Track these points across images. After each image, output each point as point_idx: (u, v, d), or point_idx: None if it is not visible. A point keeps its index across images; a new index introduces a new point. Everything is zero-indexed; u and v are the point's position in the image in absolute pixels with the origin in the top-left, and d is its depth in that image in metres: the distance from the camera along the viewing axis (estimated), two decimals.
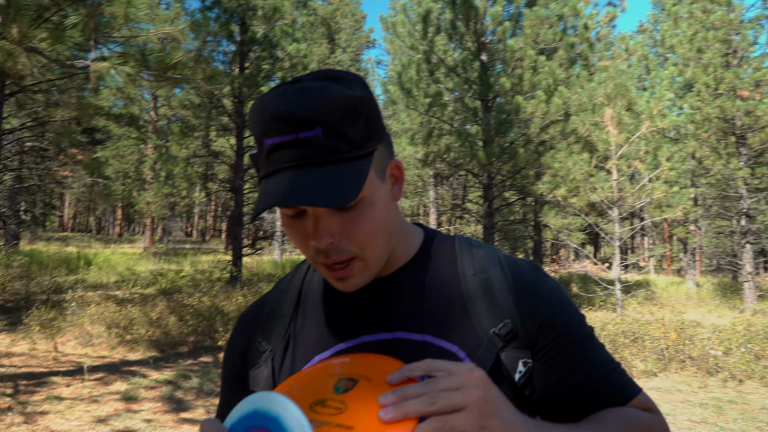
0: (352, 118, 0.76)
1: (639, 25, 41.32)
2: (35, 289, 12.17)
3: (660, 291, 18.52)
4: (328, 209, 0.77)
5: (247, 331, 0.97)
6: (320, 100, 0.74)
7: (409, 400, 0.63)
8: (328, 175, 0.73)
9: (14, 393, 5.68)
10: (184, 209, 30.45)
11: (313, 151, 0.74)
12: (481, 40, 14.14)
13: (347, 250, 0.79)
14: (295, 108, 0.74)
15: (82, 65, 5.78)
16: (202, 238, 49.29)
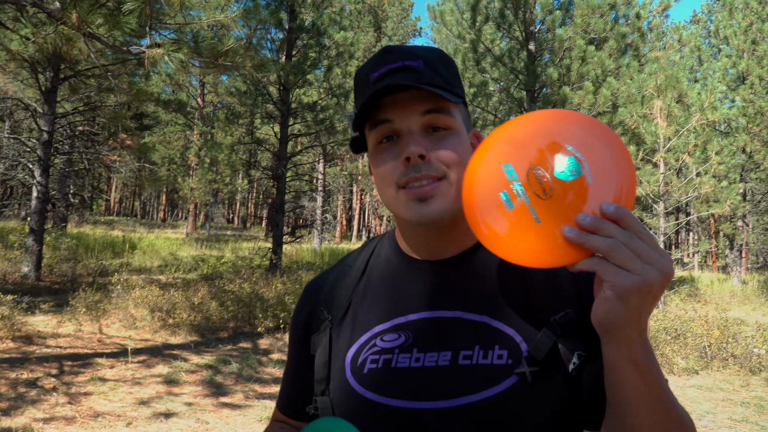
0: (447, 66, 0.90)
1: (693, 15, 40.12)
2: (82, 272, 12.47)
3: (704, 288, 18.04)
4: (422, 132, 0.85)
5: (312, 297, 1.03)
6: (422, 46, 0.91)
7: (600, 237, 0.66)
8: (431, 88, 0.82)
9: (59, 374, 5.79)
10: (227, 196, 30.88)
11: (417, 75, 0.85)
12: (529, 29, 13.84)
13: (438, 167, 0.83)
14: (403, 47, 0.89)
15: (137, 51, 5.82)
16: (243, 225, 49.97)
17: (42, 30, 6.04)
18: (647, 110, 12.15)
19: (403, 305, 0.90)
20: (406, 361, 0.84)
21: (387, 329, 0.88)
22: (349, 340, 0.92)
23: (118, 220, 37.68)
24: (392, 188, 0.85)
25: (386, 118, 0.85)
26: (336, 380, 0.91)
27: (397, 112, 0.84)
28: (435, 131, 0.85)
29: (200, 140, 23.26)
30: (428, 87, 0.81)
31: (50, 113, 11.18)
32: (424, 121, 0.84)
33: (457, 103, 0.86)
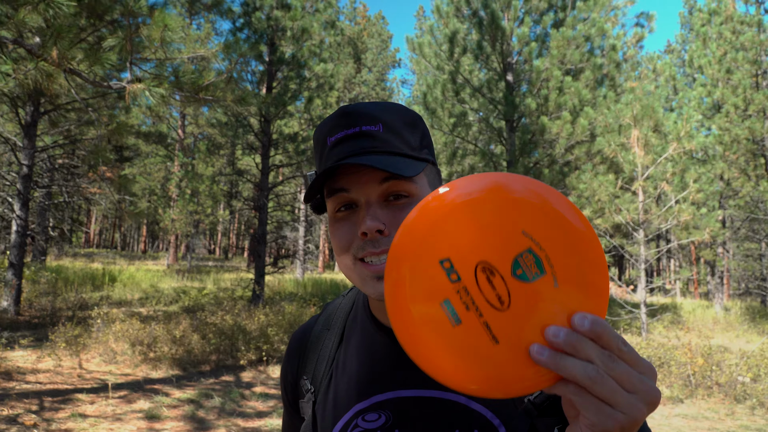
0: (410, 126, 0.85)
1: (667, 46, 41.07)
2: (61, 305, 12.31)
3: (686, 315, 18.17)
4: (380, 202, 0.80)
5: (295, 362, 1.01)
6: (382, 105, 0.85)
7: (577, 360, 0.52)
8: (390, 158, 0.79)
9: (39, 410, 5.70)
10: (208, 227, 30.72)
11: (375, 142, 0.80)
12: (507, 60, 14.14)
13: None
14: (359, 107, 0.83)
15: (118, 86, 5.88)
16: (225, 255, 49.62)
17: (22, 66, 6.07)
18: (625, 139, 12.39)
19: (380, 382, 0.87)
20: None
21: (367, 407, 0.86)
22: (332, 418, 0.90)
23: (98, 252, 37.25)
24: (349, 259, 0.82)
25: (343, 187, 0.81)
26: None
27: (353, 182, 0.80)
28: (396, 199, 0.80)
29: (181, 171, 23.20)
30: (378, 162, 0.76)
31: (30, 147, 11.15)
32: (383, 189, 0.80)
33: (417, 174, 0.79)
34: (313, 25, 13.93)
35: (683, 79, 25.99)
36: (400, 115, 0.84)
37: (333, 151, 0.82)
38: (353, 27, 39.96)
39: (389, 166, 0.75)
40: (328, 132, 0.83)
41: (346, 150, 0.80)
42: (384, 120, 0.82)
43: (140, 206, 19.74)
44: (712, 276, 23.44)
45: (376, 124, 0.81)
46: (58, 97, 9.90)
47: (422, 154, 0.85)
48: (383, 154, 0.80)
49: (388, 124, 0.82)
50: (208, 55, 7.92)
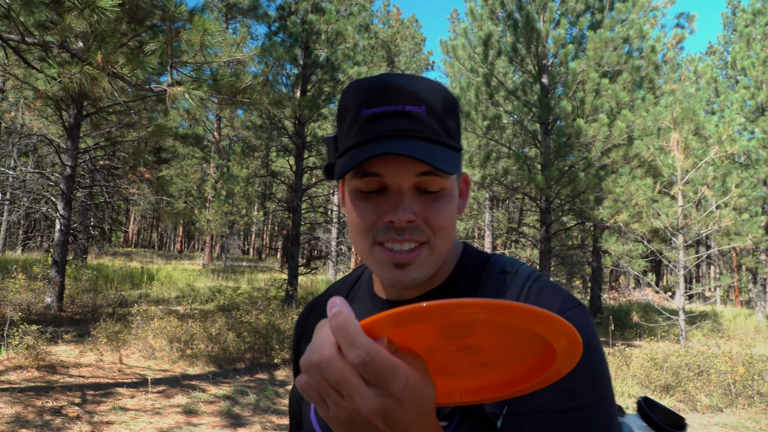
0: (451, 112, 0.80)
1: (708, 47, 40.21)
2: (102, 302, 12.64)
3: (727, 323, 17.75)
4: (414, 190, 0.77)
5: (299, 330, 1.04)
6: (428, 86, 0.78)
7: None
8: (432, 147, 0.75)
9: (82, 402, 5.88)
10: (243, 227, 31.16)
11: (417, 125, 0.75)
12: (542, 62, 14.04)
13: (423, 231, 0.77)
14: (405, 83, 0.77)
15: (159, 89, 6.04)
16: (259, 256, 50.20)
17: (67, 69, 6.28)
18: (664, 143, 12.17)
19: None
20: None
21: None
22: None
23: (136, 251, 38.06)
24: (367, 241, 0.80)
25: (376, 172, 0.76)
26: (305, 418, 0.92)
27: (389, 169, 0.76)
28: (427, 192, 0.78)
29: (217, 173, 23.58)
30: (428, 159, 0.71)
31: (73, 148, 11.49)
32: (418, 182, 0.77)
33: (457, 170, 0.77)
34: (347, 28, 14.06)
35: (725, 81, 25.38)
36: (443, 98, 0.79)
37: (369, 125, 0.76)
38: (387, 30, 40.09)
39: (434, 160, 0.72)
40: (365, 103, 0.77)
41: (384, 128, 0.75)
42: (428, 102, 0.77)
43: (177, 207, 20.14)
44: (754, 283, 22.85)
45: (420, 105, 0.76)
46: (101, 100, 10.19)
47: (456, 142, 0.81)
48: (425, 141, 0.75)
49: (432, 107, 0.77)
50: (245, 58, 8.08)
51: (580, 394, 0.72)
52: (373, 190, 0.78)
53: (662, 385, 8.06)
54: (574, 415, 0.71)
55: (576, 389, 0.72)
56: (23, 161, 24.80)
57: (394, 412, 0.51)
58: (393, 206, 0.76)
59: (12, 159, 22.92)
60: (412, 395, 0.51)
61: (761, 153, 19.21)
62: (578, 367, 0.70)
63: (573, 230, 21.36)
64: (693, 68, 27.98)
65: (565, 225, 18.97)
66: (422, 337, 0.53)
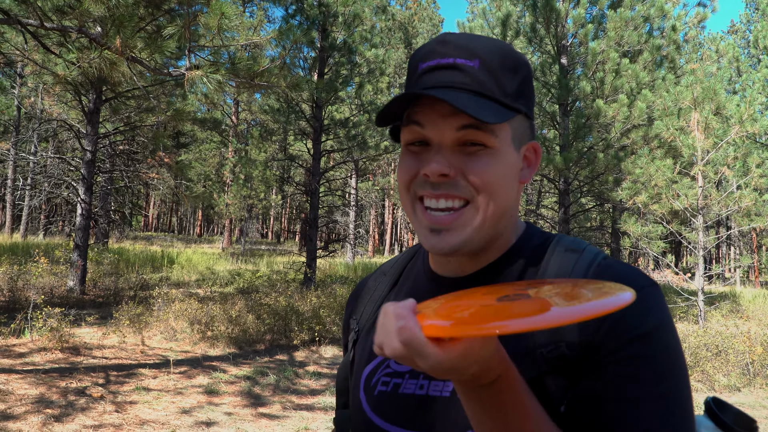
0: (510, 70, 0.77)
1: (730, 26, 39.42)
2: (123, 286, 12.83)
3: (746, 303, 17.57)
4: (455, 146, 0.75)
5: (350, 304, 1.04)
6: (486, 41, 0.77)
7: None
8: (477, 100, 0.73)
9: (106, 383, 6.00)
10: (261, 211, 31.35)
11: (466, 79, 0.74)
12: (561, 43, 13.87)
13: (463, 187, 0.75)
14: (460, 38, 0.76)
15: (177, 73, 6.07)
16: (277, 239, 50.52)
17: (86, 54, 6.33)
18: (684, 123, 12.01)
19: None
20: (412, 388, 0.82)
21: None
22: (368, 356, 0.90)
23: (156, 235, 38.50)
24: (408, 196, 0.80)
25: (418, 121, 0.76)
26: (353, 396, 0.91)
27: (430, 119, 0.75)
28: (471, 146, 0.75)
29: (235, 157, 23.71)
30: (459, 101, 0.70)
31: (93, 133, 11.60)
32: (460, 135, 0.74)
33: (503, 121, 0.73)
34: (365, 10, 13.98)
35: (747, 60, 24.93)
36: (503, 56, 0.77)
37: (422, 78, 0.77)
38: (404, 12, 39.77)
39: (470, 108, 0.69)
40: (422, 57, 0.77)
41: (434, 80, 0.75)
42: (483, 57, 0.75)
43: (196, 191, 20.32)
44: None
45: (473, 60, 0.74)
46: (120, 84, 10.25)
47: (515, 102, 0.78)
48: (472, 94, 0.74)
49: (487, 63, 0.75)
50: (262, 42, 8.06)
51: (656, 381, 0.67)
52: (415, 141, 0.77)
53: None
54: (651, 404, 0.66)
55: (651, 376, 0.67)
56: (43, 146, 25.13)
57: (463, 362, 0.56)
58: (429, 159, 0.75)
59: (32, 144, 23.24)
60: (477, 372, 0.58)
61: None
62: (652, 351, 0.68)
63: (592, 212, 21.23)
64: (715, 47, 27.52)
65: (584, 206, 18.84)
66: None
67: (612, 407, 0.67)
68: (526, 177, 0.83)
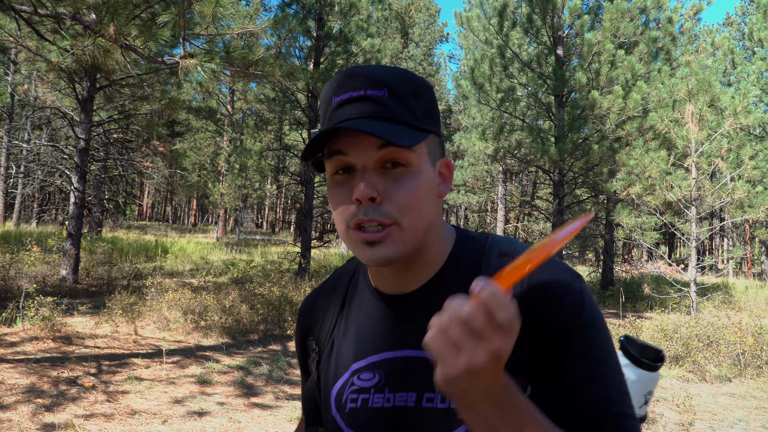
0: (415, 94, 0.83)
1: (726, 18, 39.39)
2: (117, 275, 12.80)
3: (738, 295, 17.69)
4: (378, 168, 0.80)
5: (303, 324, 1.07)
6: (390, 70, 0.83)
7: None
8: (391, 126, 0.78)
9: (98, 372, 5.99)
10: (256, 201, 31.27)
11: (378, 108, 0.80)
12: (557, 34, 13.83)
13: (388, 213, 0.79)
14: (367, 70, 0.82)
15: (171, 62, 6.03)
16: (272, 229, 50.47)
17: (80, 42, 6.27)
18: (678, 115, 12.02)
19: (375, 343, 0.91)
20: (380, 401, 0.87)
21: (363, 367, 0.91)
22: (333, 376, 0.95)
23: (151, 224, 38.39)
24: (343, 225, 0.83)
25: (341, 150, 0.81)
26: (326, 416, 0.96)
27: (352, 146, 0.80)
28: (393, 167, 0.80)
29: (230, 146, 23.63)
30: (375, 129, 0.76)
31: (87, 121, 11.53)
32: (380, 156, 0.80)
33: (417, 143, 0.79)
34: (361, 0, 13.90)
35: (742, 52, 24.91)
36: (407, 82, 0.83)
37: (336, 111, 0.82)
38: (401, 1, 39.58)
39: (388, 134, 0.76)
40: (334, 92, 0.83)
41: (348, 113, 0.80)
42: (390, 85, 0.81)
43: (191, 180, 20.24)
44: (766, 256, 22.70)
45: (382, 89, 0.80)
46: (114, 72, 10.18)
47: (425, 124, 0.84)
48: (385, 121, 0.79)
49: (394, 90, 0.81)
50: (257, 30, 8.01)
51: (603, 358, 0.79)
52: (339, 169, 0.82)
53: (672, 356, 8.10)
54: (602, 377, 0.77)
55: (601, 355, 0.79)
56: (37, 134, 24.97)
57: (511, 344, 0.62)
58: (357, 184, 0.79)
59: (26, 132, 23.09)
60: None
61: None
62: (594, 335, 0.79)
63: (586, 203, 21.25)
64: (710, 39, 27.50)
65: (579, 198, 18.86)
66: None
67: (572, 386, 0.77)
68: (443, 192, 0.89)
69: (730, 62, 23.82)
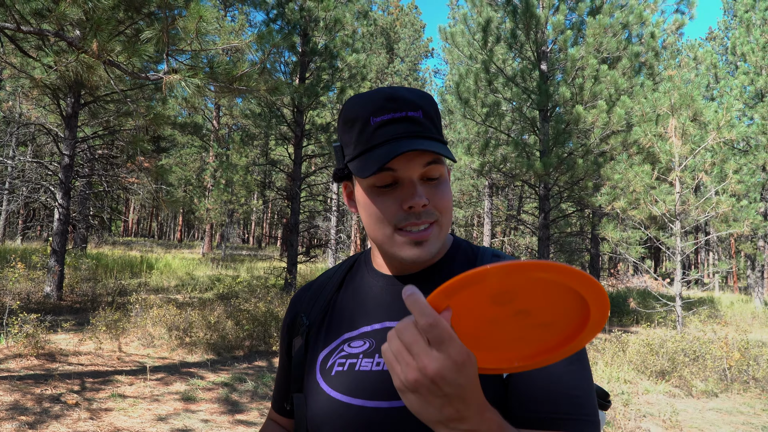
0: (437, 113, 0.99)
1: (709, 33, 40.01)
2: (101, 291, 12.67)
3: (724, 309, 17.79)
4: (421, 180, 0.93)
5: (296, 306, 1.15)
6: (421, 94, 0.97)
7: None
8: (432, 143, 0.91)
9: (81, 390, 5.91)
10: (242, 216, 31.18)
11: (419, 127, 0.92)
12: (541, 49, 13.98)
13: (433, 213, 0.93)
14: (405, 93, 0.95)
15: (155, 77, 6.02)
16: (258, 244, 50.23)
17: (64, 58, 6.26)
18: (662, 129, 12.14)
19: (370, 315, 1.01)
20: (368, 365, 0.95)
21: (355, 336, 1.00)
22: (322, 344, 1.03)
23: (136, 240, 38.10)
24: (388, 229, 0.94)
25: (391, 167, 0.91)
26: (308, 379, 1.02)
27: (402, 164, 0.91)
28: (429, 180, 0.94)
29: (216, 162, 23.56)
30: (435, 149, 0.88)
31: (71, 138, 11.46)
32: (424, 171, 0.92)
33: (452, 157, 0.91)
34: (346, 15, 13.98)
35: (725, 67, 25.24)
36: (432, 104, 0.97)
37: (379, 131, 0.92)
38: (386, 17, 39.89)
39: (436, 149, 0.88)
40: (372, 112, 0.93)
41: (393, 132, 0.91)
42: (423, 107, 0.94)
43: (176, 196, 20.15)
44: (752, 270, 22.86)
45: (418, 111, 0.93)
46: (98, 88, 10.16)
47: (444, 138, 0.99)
48: (427, 139, 0.92)
49: (426, 112, 0.94)
50: (242, 46, 8.04)
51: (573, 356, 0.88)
52: (386, 185, 0.93)
53: (658, 371, 8.11)
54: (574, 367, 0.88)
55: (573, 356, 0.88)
56: (21, 150, 24.77)
57: (452, 373, 0.63)
58: (410, 194, 0.91)
59: (10, 148, 22.90)
60: (464, 361, 0.63)
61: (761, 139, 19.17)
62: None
63: (572, 217, 21.38)
64: (693, 54, 27.87)
65: (564, 212, 18.98)
66: (479, 309, 0.67)
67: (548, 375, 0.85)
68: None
69: (713, 76, 24.15)
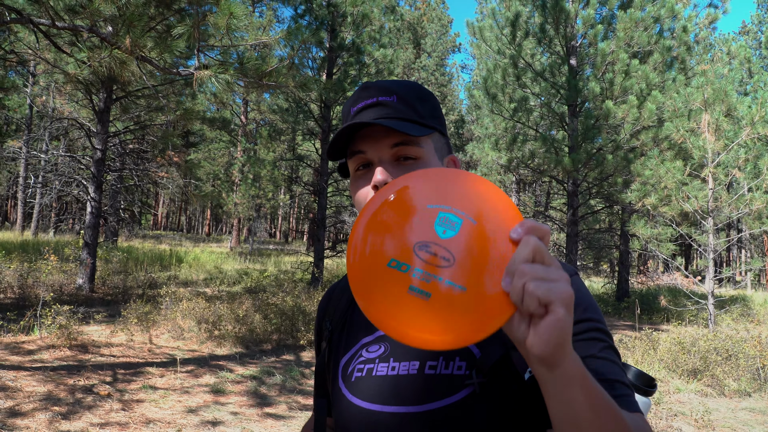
0: (420, 99, 0.99)
1: (742, 26, 39.09)
2: (132, 284, 12.89)
3: (757, 307, 17.42)
4: (392, 161, 0.94)
5: (321, 311, 1.18)
6: (398, 81, 1.00)
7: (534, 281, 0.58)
8: (400, 122, 0.92)
9: (113, 381, 6.03)
10: (269, 211, 31.40)
11: (389, 110, 0.95)
12: (570, 43, 13.82)
13: None
14: (382, 83, 0.98)
15: (186, 73, 6.10)
16: (285, 239, 50.58)
17: (97, 54, 6.36)
18: (694, 124, 11.91)
19: None
20: (384, 370, 0.95)
21: (371, 341, 1.00)
22: (343, 349, 1.04)
23: (165, 234, 38.65)
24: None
25: (360, 149, 0.95)
26: (332, 384, 1.04)
27: (369, 144, 0.94)
28: (405, 161, 0.94)
29: (244, 157, 23.76)
30: (388, 122, 0.89)
31: (103, 132, 11.66)
32: (394, 152, 0.93)
33: (423, 135, 0.92)
34: (373, 10, 13.98)
35: (759, 61, 24.71)
36: (413, 90, 0.99)
37: (354, 118, 0.97)
38: (413, 12, 39.79)
39: (398, 126, 0.89)
40: (352, 103, 0.99)
41: (364, 117, 0.96)
42: (398, 93, 0.96)
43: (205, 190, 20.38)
44: None
45: (391, 96, 0.96)
46: (130, 83, 10.30)
47: (431, 122, 0.98)
48: (395, 120, 0.93)
49: (402, 96, 0.96)
50: (271, 42, 8.08)
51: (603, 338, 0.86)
52: (360, 166, 0.96)
53: (689, 369, 7.99)
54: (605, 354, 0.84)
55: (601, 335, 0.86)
56: (55, 145, 25.29)
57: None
58: (374, 173, 0.93)
59: (44, 142, 23.40)
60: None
61: None
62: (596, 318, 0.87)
63: (600, 213, 21.10)
64: (726, 48, 27.29)
65: (593, 208, 18.74)
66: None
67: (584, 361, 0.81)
68: None
69: (746, 71, 23.64)
